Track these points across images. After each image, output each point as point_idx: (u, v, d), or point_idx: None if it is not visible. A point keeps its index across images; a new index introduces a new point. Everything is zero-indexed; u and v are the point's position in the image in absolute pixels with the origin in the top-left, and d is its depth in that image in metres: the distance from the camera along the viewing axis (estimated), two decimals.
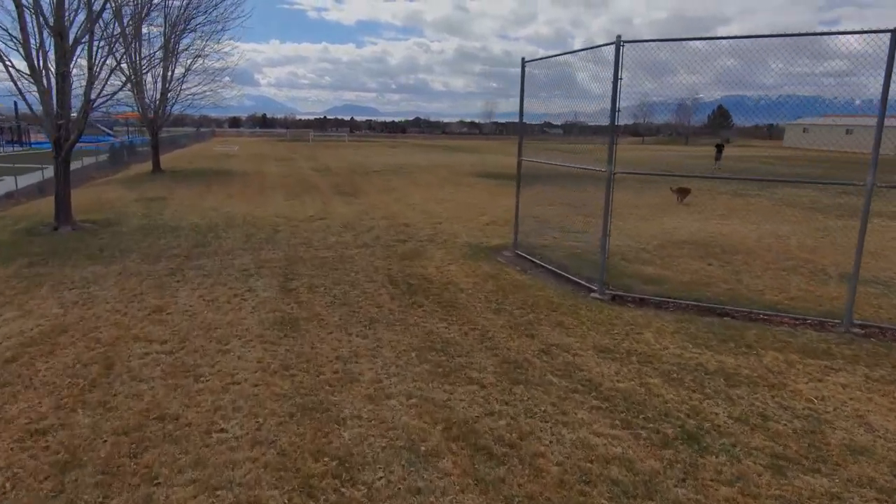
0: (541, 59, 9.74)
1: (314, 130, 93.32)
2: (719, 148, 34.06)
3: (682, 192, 17.80)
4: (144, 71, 21.08)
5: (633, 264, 9.52)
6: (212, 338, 5.89)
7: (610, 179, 7.82)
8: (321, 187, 19.64)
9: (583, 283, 8.27)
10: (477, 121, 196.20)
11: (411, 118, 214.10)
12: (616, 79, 7.33)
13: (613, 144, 7.69)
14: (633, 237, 11.69)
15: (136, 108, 23.96)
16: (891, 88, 5.60)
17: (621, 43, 7.23)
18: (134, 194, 17.25)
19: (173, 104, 24.54)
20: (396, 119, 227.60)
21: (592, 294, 7.79)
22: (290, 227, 12.15)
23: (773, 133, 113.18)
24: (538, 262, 9.47)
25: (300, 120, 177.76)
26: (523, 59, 9.72)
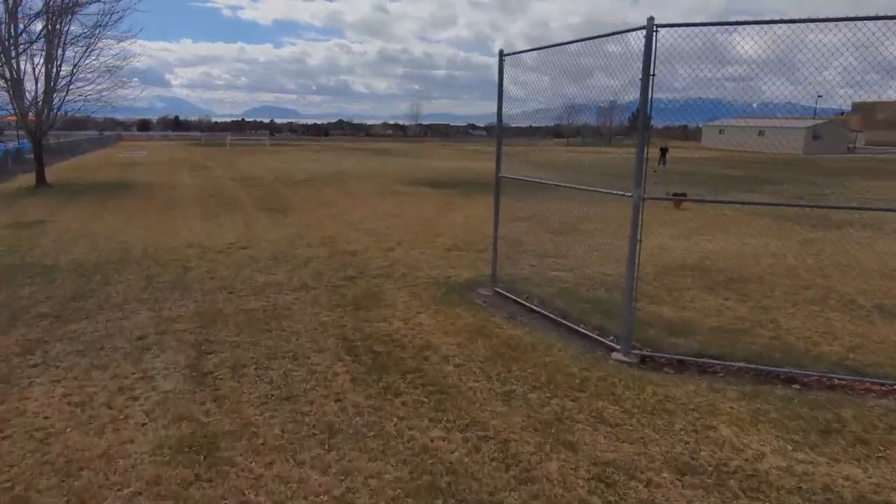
0: (522, 52, 7.89)
1: (232, 133, 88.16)
2: (663, 152, 33.77)
3: (678, 194, 17.45)
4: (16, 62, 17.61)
5: (640, 302, 7.82)
6: (69, 497, 3.56)
7: (639, 207, 6.06)
8: (243, 202, 16.98)
9: (594, 336, 6.46)
10: (402, 122, 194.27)
11: (334, 120, 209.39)
12: (647, 73, 5.57)
13: (644, 160, 5.95)
14: (622, 262, 10.05)
15: (12, 110, 20.23)
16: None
17: (655, 28, 5.47)
18: (3, 217, 14.00)
19: (60, 105, 20.94)
20: (319, 121, 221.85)
21: (615, 354, 5.99)
22: (206, 261, 9.66)
23: (688, 134, 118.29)
24: (526, 303, 7.59)
25: (216, 122, 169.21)
26: (501, 51, 7.83)
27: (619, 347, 6.05)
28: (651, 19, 5.48)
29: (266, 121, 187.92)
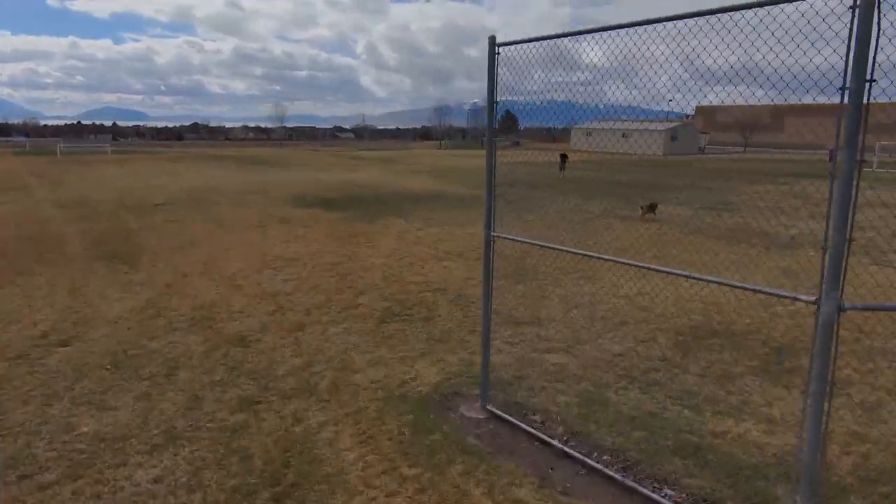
0: (516, 42, 5.12)
1: (65, 139, 76.35)
2: (563, 158, 32.70)
3: (651, 209, 17.32)
4: None
5: (698, 419, 5.30)
6: None
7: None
8: (70, 246, 12.46)
9: None
10: (264, 125, 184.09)
11: (188, 123, 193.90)
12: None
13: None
14: (626, 324, 7.57)
15: None
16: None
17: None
18: None
19: None
20: (171, 124, 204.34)
21: None
22: None
23: (555, 136, 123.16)
24: (551, 439, 4.77)
25: (47, 126, 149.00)
26: (493, 38, 5.03)
27: None
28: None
29: (108, 124, 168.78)
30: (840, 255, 3.11)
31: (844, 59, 3.01)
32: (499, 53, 4.97)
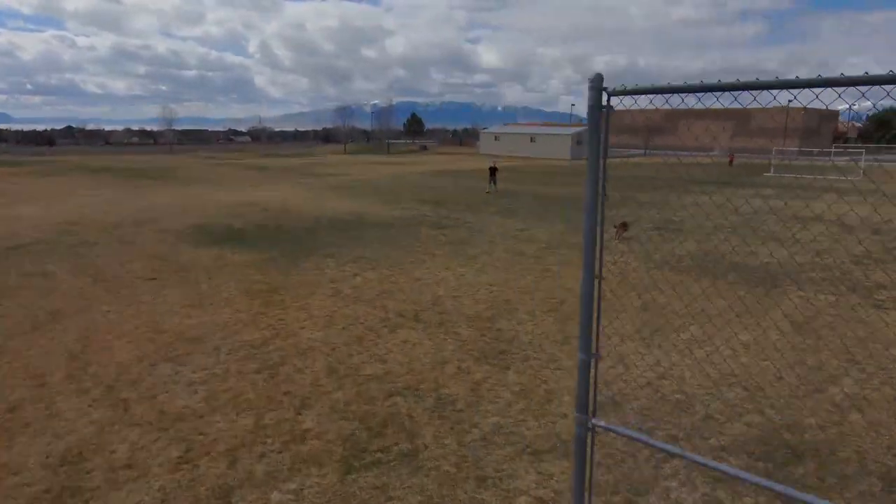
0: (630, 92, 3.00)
1: None
2: (493, 171, 31.03)
3: (623, 228, 16.89)
4: None
5: None
6: None
7: None
8: None
9: None
10: (151, 128, 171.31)
11: (61, 126, 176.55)
12: None
13: None
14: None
15: None
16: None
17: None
18: None
19: None
20: (40, 127, 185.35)
21: None
22: None
23: (462, 140, 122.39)
24: None
25: None
26: (600, 80, 2.83)
27: None
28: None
29: None
30: None
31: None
32: (609, 107, 2.87)
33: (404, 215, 21.08)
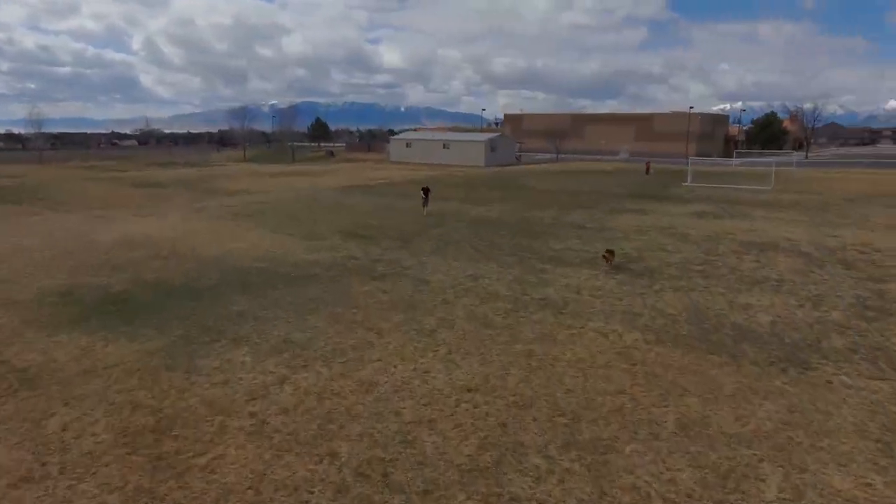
0: None
1: None
2: (426, 192, 28.12)
3: (611, 255, 16.66)
4: None
5: None
6: None
7: None
8: None
9: None
10: (18, 131, 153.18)
11: None
12: None
13: None
14: None
15: None
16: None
17: None
18: None
19: None
20: None
21: None
22: None
23: (372, 145, 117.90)
24: None
25: None
26: None
27: None
28: None
29: None
30: None
31: None
32: None
33: (328, 259, 17.74)
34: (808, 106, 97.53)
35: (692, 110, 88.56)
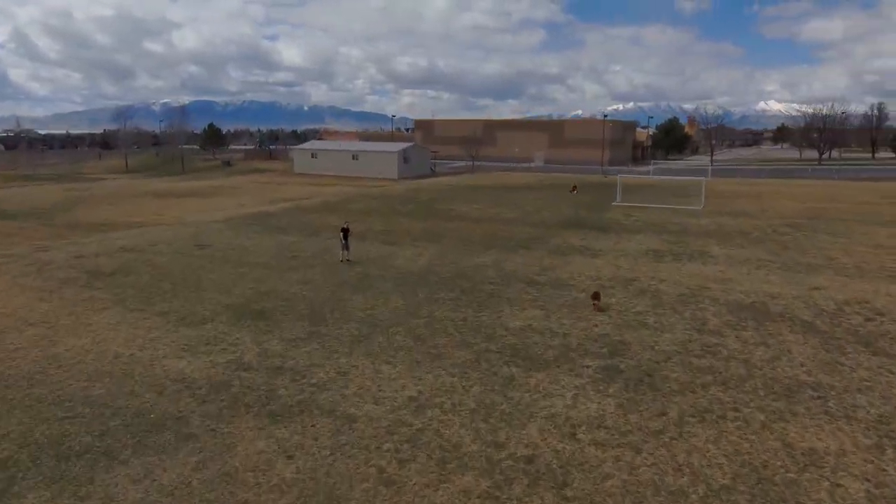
0: None
1: None
2: (345, 234, 23.13)
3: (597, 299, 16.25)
4: None
5: None
6: None
7: None
8: None
9: None
10: None
11: None
12: None
13: None
14: None
15: None
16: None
17: None
18: None
19: None
20: None
21: None
22: None
23: (273, 154, 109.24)
24: None
25: None
26: None
27: None
28: None
29: None
30: None
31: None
32: None
33: (207, 373, 12.47)
34: (688, 106, 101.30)
35: (605, 118, 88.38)
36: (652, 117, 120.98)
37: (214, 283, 19.69)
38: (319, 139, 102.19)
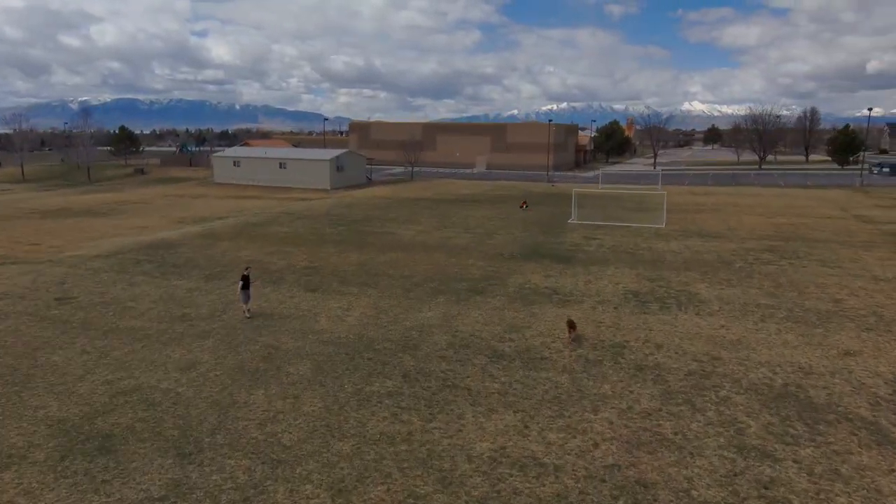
0: None
1: None
2: (245, 281, 17.87)
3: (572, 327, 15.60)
4: None
5: None
6: None
7: None
8: None
9: None
10: None
11: None
12: None
13: None
14: None
15: None
16: None
17: None
18: None
19: None
20: None
21: None
22: None
23: (193, 160, 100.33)
24: None
25: None
26: None
27: None
28: None
29: None
30: None
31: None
32: None
33: None
34: (619, 106, 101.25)
35: (550, 123, 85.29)
36: (595, 121, 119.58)
37: (54, 372, 14.01)
38: (245, 145, 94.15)
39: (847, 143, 76.51)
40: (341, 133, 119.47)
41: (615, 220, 37.28)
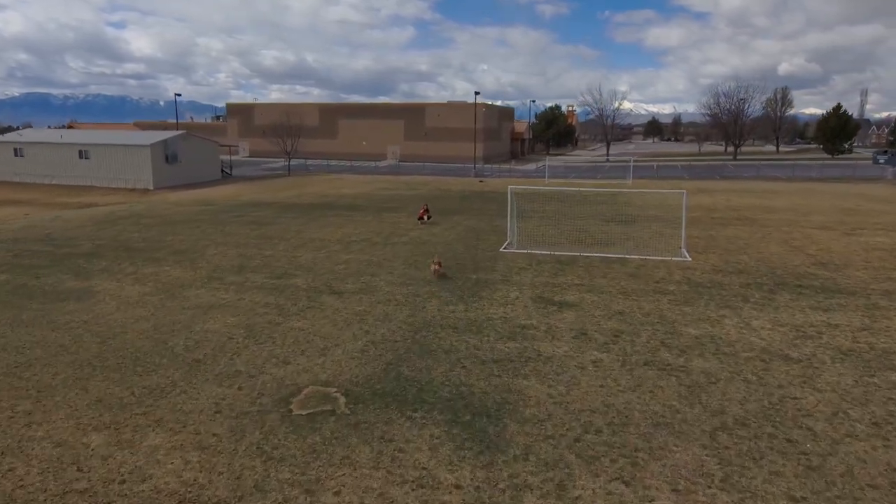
0: None
1: None
2: None
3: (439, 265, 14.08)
4: None
5: None
6: None
7: None
8: None
9: None
10: None
11: None
12: None
13: None
14: None
15: None
16: None
17: None
18: None
19: None
20: None
21: None
22: None
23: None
24: None
25: None
26: None
27: None
28: None
29: None
30: None
31: None
32: None
33: None
34: (550, 104, 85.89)
35: (477, 96, 66.29)
36: (534, 100, 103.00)
37: None
38: (69, 128, 71.42)
39: (839, 129, 62.26)
40: (217, 118, 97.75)
41: (588, 241, 19.41)
